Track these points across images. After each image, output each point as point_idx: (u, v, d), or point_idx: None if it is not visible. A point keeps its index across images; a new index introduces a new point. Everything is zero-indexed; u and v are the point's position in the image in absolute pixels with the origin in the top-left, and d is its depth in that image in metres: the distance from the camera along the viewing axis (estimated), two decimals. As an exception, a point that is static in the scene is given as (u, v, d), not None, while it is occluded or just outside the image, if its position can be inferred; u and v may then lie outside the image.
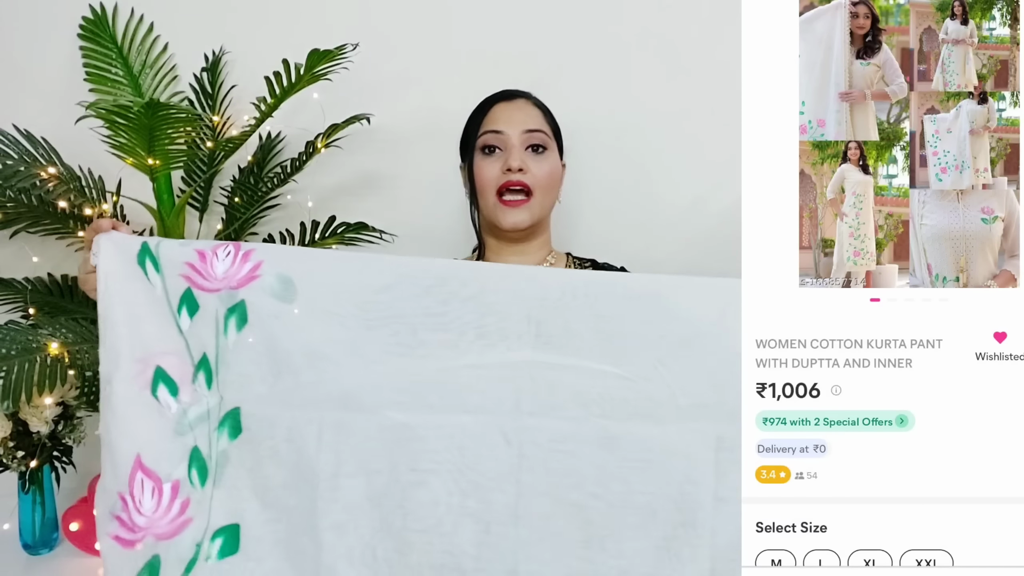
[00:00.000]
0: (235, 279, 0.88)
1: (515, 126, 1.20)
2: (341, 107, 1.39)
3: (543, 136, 1.21)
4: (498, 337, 0.85)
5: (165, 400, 0.87)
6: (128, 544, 0.86)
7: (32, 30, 1.52)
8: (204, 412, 0.88)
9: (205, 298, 0.88)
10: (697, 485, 0.83)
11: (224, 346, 0.87)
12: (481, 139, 1.21)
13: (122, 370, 0.87)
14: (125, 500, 0.86)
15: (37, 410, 1.23)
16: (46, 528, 1.30)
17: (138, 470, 0.86)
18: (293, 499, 0.86)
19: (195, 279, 0.88)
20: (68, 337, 1.13)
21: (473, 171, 1.22)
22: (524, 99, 1.26)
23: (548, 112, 1.26)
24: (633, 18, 1.50)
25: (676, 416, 0.83)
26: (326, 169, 1.49)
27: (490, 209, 1.20)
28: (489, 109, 1.24)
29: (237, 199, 1.47)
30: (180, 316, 0.88)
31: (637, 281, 0.87)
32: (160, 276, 0.88)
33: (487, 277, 0.88)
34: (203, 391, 0.88)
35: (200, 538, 0.86)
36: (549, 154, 1.22)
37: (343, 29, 1.34)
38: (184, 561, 0.86)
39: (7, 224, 1.35)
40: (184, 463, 0.87)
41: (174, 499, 0.86)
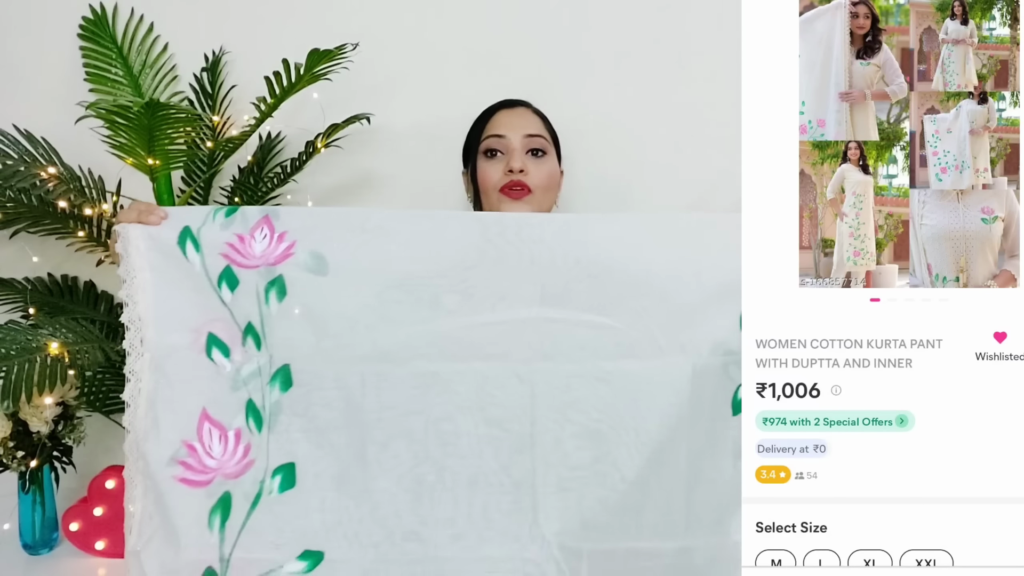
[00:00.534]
0: (272, 256, 0.99)
1: (516, 131, 1.27)
2: (341, 107, 1.39)
3: (543, 141, 1.28)
4: (510, 299, 1.00)
5: (220, 361, 0.99)
6: (199, 484, 0.98)
7: (32, 30, 1.52)
8: (256, 369, 1.00)
9: (245, 274, 0.99)
10: (677, 407, 1.00)
11: (268, 314, 1.00)
12: (484, 143, 1.28)
13: (179, 339, 0.99)
14: (192, 446, 0.98)
15: (37, 410, 1.23)
16: (46, 528, 1.30)
17: (205, 421, 0.99)
18: (343, 438, 1.00)
19: (234, 257, 1.00)
20: (68, 337, 1.13)
21: (476, 174, 1.29)
22: (525, 107, 1.33)
23: (547, 120, 1.33)
24: (633, 18, 1.50)
25: (657, 353, 1.00)
26: (326, 169, 1.49)
27: (493, 205, 1.26)
28: (491, 116, 1.31)
29: (237, 199, 1.47)
30: (221, 290, 0.99)
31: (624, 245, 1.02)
32: (200, 255, 1.00)
33: (502, 251, 1.01)
34: (253, 352, 1.00)
35: (262, 476, 0.99)
36: (548, 158, 1.29)
37: (343, 29, 1.34)
38: (250, 497, 0.98)
39: (7, 224, 1.35)
40: (242, 414, 0.99)
41: (238, 444, 0.99)
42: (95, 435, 1.38)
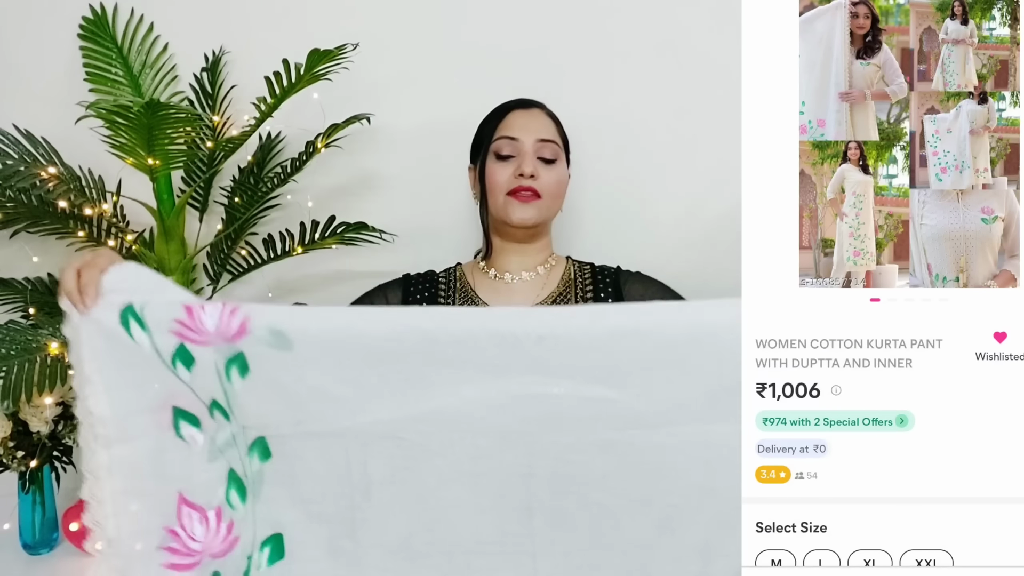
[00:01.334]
0: (229, 333, 0.88)
1: (530, 134, 1.25)
2: (341, 107, 1.39)
3: (555, 147, 1.27)
4: (501, 371, 0.89)
5: (191, 434, 0.92)
6: (188, 568, 0.93)
7: (32, 30, 1.52)
8: (230, 437, 0.93)
9: (200, 351, 0.90)
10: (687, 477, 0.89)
11: (232, 391, 0.91)
12: (495, 144, 1.26)
13: (139, 424, 0.91)
14: (175, 532, 0.93)
15: (37, 410, 1.23)
16: (46, 528, 1.30)
17: (183, 505, 0.93)
18: (331, 507, 0.93)
19: (186, 334, 0.89)
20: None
21: (485, 173, 1.26)
22: (539, 109, 1.30)
23: (559, 123, 1.31)
24: (633, 18, 1.50)
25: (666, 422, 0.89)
26: (326, 169, 1.49)
27: (500, 207, 1.25)
28: (505, 115, 1.28)
29: (237, 199, 1.47)
30: (177, 368, 0.90)
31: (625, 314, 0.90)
32: (147, 334, 0.89)
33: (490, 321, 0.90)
34: (223, 422, 0.92)
35: (249, 551, 0.94)
36: (558, 164, 1.27)
37: (343, 29, 1.34)
38: (240, 571, 0.94)
39: (7, 224, 1.35)
40: (222, 487, 0.93)
41: (220, 523, 0.93)
42: (95, 435, 1.38)
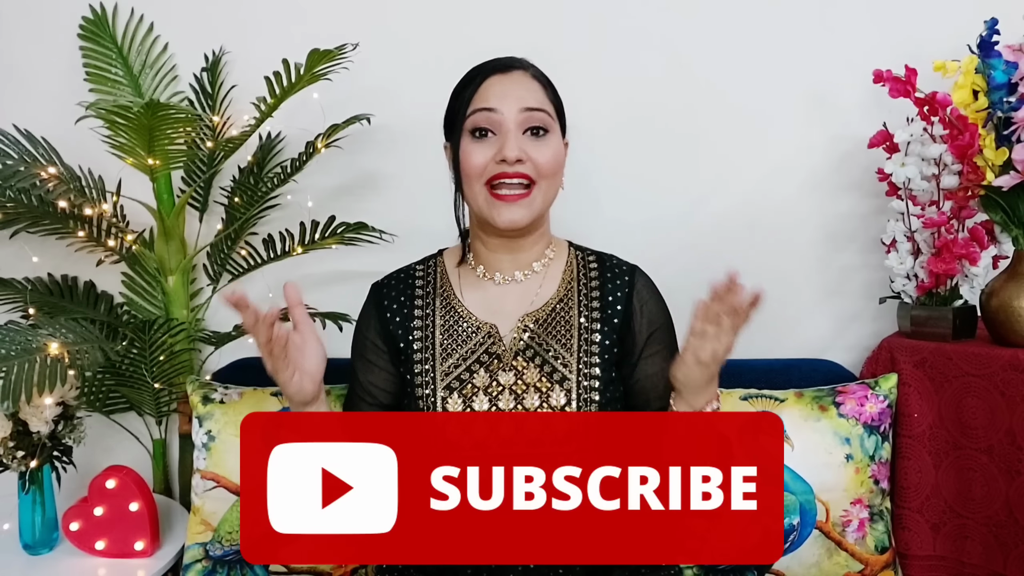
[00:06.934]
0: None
1: (511, 103, 1.00)
2: (341, 107, 1.39)
3: (544, 116, 1.01)
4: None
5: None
6: None
7: (32, 30, 1.52)
8: None
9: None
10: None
11: None
12: (470, 119, 1.01)
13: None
14: None
15: (37, 410, 1.23)
16: (46, 528, 1.30)
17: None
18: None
19: None
20: (68, 337, 1.13)
21: (459, 156, 1.02)
22: (521, 71, 1.04)
23: (549, 84, 1.06)
24: (633, 18, 1.49)
25: None
26: (326, 169, 1.49)
27: (480, 204, 1.01)
28: (481, 82, 1.03)
29: (237, 199, 1.47)
30: None
31: None
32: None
33: None
34: None
35: None
36: (551, 137, 1.02)
37: (343, 29, 1.34)
38: None
39: (7, 224, 1.35)
40: None
41: None
42: (95, 435, 1.38)
